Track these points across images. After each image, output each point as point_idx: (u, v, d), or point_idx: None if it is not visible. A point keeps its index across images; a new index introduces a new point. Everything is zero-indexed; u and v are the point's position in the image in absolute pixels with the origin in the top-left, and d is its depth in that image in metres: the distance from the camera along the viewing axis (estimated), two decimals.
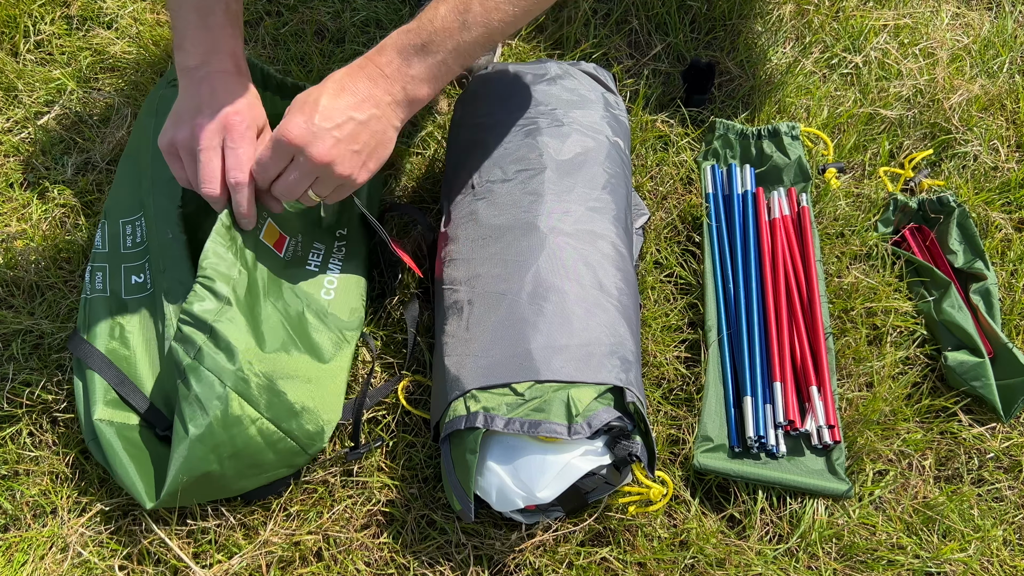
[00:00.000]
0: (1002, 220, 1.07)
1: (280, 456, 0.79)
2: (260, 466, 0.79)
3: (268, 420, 0.77)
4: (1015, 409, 0.92)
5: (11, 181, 1.06)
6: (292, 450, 0.79)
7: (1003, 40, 1.24)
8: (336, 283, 0.89)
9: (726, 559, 0.83)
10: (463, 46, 0.74)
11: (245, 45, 1.16)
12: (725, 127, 1.08)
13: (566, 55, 1.17)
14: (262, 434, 0.76)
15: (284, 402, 0.77)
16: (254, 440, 0.76)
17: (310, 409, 0.79)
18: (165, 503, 0.77)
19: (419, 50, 0.74)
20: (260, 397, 0.76)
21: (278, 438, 0.78)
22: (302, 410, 0.79)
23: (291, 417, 0.78)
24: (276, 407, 0.77)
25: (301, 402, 0.79)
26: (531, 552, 0.82)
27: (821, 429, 0.88)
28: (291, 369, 0.79)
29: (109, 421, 0.80)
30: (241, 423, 0.75)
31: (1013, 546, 0.87)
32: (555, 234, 0.83)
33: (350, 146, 0.73)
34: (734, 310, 0.96)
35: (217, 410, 0.73)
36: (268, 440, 0.77)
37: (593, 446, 0.75)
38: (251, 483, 0.81)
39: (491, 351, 0.78)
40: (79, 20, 1.20)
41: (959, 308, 0.97)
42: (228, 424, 0.74)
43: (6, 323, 0.94)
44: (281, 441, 0.78)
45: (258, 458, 0.78)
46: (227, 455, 0.75)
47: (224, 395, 0.74)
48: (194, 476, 0.75)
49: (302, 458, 0.81)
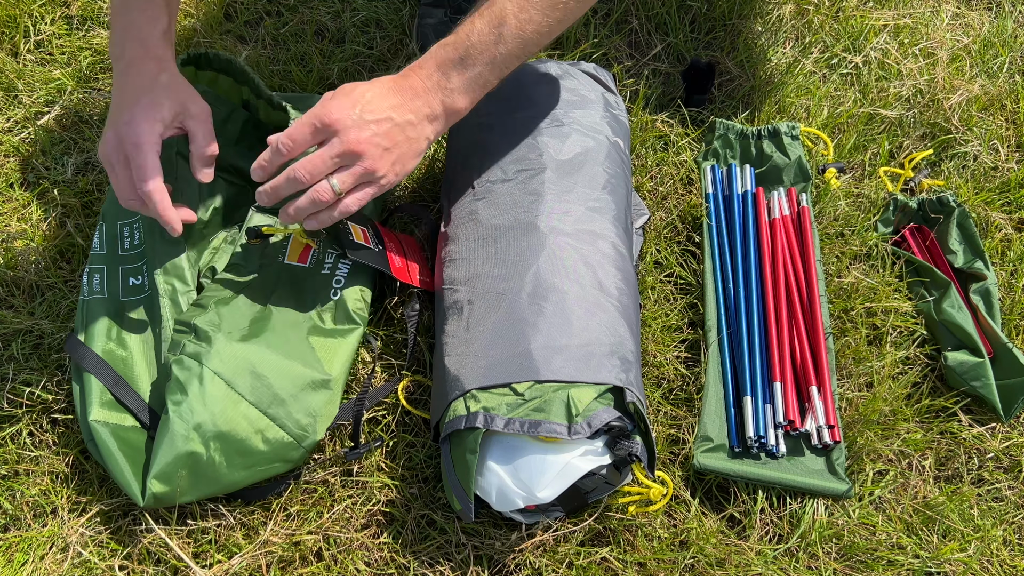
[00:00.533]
0: (1002, 220, 1.07)
1: (272, 447, 0.79)
2: (251, 455, 0.78)
3: (251, 404, 0.77)
4: (1015, 409, 0.92)
5: (11, 181, 1.06)
6: (283, 441, 0.79)
7: (1003, 40, 1.24)
8: (343, 281, 0.89)
9: (726, 559, 0.83)
10: (499, 58, 0.76)
11: (245, 45, 1.17)
12: (725, 127, 1.08)
13: (566, 55, 1.17)
14: (247, 419, 0.77)
15: (268, 387, 0.78)
16: (238, 423, 0.76)
17: (299, 399, 0.79)
18: (159, 497, 0.76)
19: (457, 63, 0.76)
20: (241, 380, 0.77)
21: (264, 424, 0.78)
22: (290, 398, 0.79)
23: (277, 404, 0.78)
24: (259, 392, 0.78)
25: (288, 391, 0.79)
26: (531, 552, 0.82)
27: (821, 429, 0.88)
28: (279, 363, 0.80)
29: (104, 422, 0.80)
30: (221, 402, 0.76)
31: (1013, 546, 0.87)
32: (555, 234, 0.83)
33: (384, 142, 0.74)
34: (734, 310, 0.96)
35: (195, 388, 0.76)
36: (254, 426, 0.77)
37: (593, 446, 0.75)
38: (246, 476, 0.80)
39: (491, 351, 0.78)
40: (79, 20, 1.20)
41: (959, 308, 0.97)
42: (208, 402, 0.76)
43: (6, 323, 0.94)
44: (269, 428, 0.78)
45: (246, 445, 0.77)
46: (211, 435, 0.76)
47: (201, 374, 0.76)
48: (179, 457, 0.75)
49: (296, 452, 0.81)
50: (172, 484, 0.76)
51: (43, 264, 0.99)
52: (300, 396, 0.80)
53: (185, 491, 0.78)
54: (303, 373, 0.81)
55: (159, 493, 0.76)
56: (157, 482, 0.76)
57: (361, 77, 1.15)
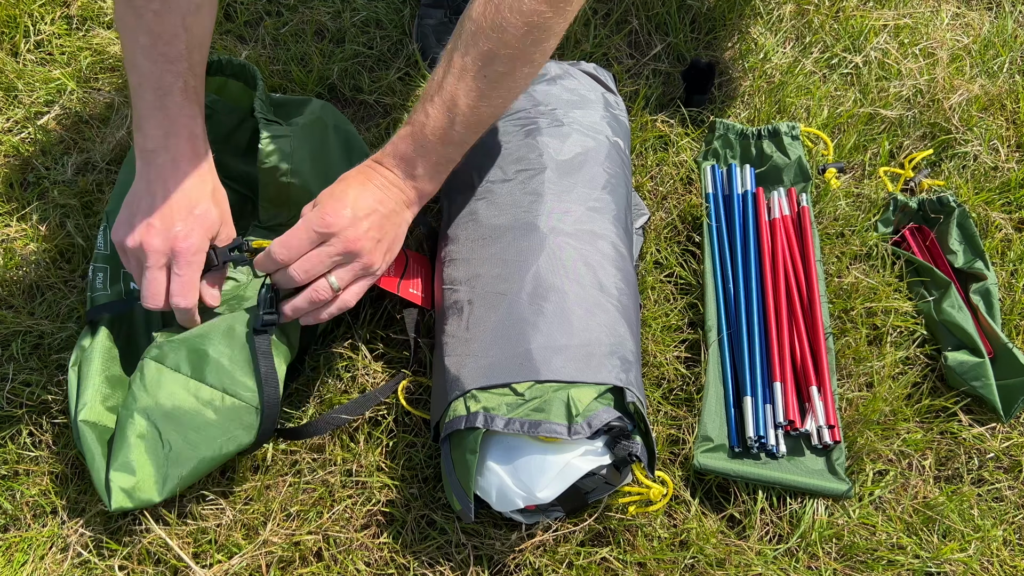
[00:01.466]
0: (1002, 220, 1.07)
1: (224, 416, 0.77)
2: (205, 429, 0.77)
3: (189, 377, 0.77)
4: (1015, 409, 0.92)
5: (11, 181, 1.06)
6: (236, 406, 0.78)
7: (1003, 40, 1.24)
8: None
9: (726, 559, 0.83)
10: (457, 139, 0.78)
11: (245, 45, 1.17)
12: (725, 127, 1.08)
13: (566, 55, 1.17)
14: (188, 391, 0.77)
15: (206, 359, 0.78)
16: (182, 398, 0.77)
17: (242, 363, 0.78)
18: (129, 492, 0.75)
19: (419, 154, 0.78)
20: (181, 359, 0.78)
21: (210, 395, 0.77)
22: (231, 364, 0.78)
23: (218, 372, 0.78)
24: (198, 365, 0.78)
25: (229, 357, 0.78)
26: (531, 552, 0.82)
27: (821, 429, 0.88)
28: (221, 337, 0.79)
29: (93, 423, 0.80)
30: (161, 383, 0.77)
31: (1013, 546, 0.87)
32: (555, 234, 0.83)
33: (376, 235, 0.77)
34: (734, 310, 0.96)
35: (137, 378, 0.77)
36: (200, 398, 0.77)
37: (593, 446, 0.75)
38: (211, 453, 0.77)
39: (491, 351, 0.78)
40: (79, 20, 1.20)
41: (959, 308, 0.97)
42: (148, 385, 0.77)
43: (6, 323, 0.94)
44: (216, 397, 0.77)
45: (197, 419, 0.77)
46: (158, 416, 0.76)
47: (142, 365, 0.78)
48: (133, 444, 0.75)
49: (253, 415, 0.78)
50: (135, 475, 0.75)
51: (43, 264, 0.99)
52: (244, 360, 0.78)
53: (152, 482, 0.76)
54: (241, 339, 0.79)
55: (126, 487, 0.75)
56: (119, 475, 0.74)
57: (361, 77, 1.15)
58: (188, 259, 0.75)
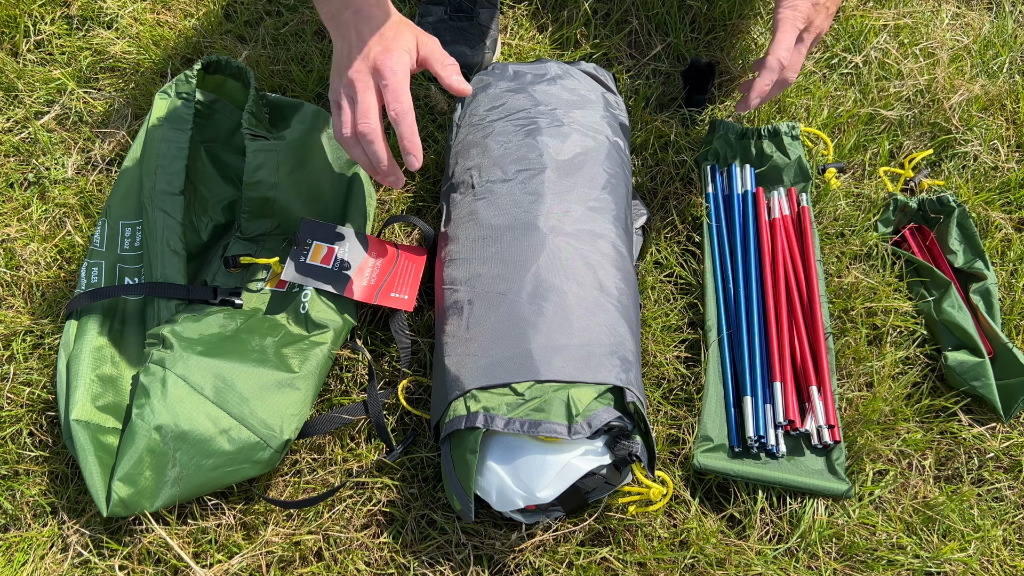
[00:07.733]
0: (1002, 220, 1.07)
1: (238, 448, 0.78)
2: (216, 456, 0.77)
3: (213, 403, 0.77)
4: (1015, 409, 0.92)
5: (11, 181, 1.06)
6: (249, 441, 0.78)
7: (1003, 40, 1.24)
8: (310, 295, 0.87)
9: (726, 559, 0.83)
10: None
11: (245, 45, 1.17)
12: (725, 127, 1.08)
13: (566, 55, 1.17)
14: (210, 418, 0.77)
15: (231, 388, 0.78)
16: (201, 423, 0.76)
17: (264, 398, 0.79)
18: (126, 501, 0.75)
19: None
20: (205, 382, 0.78)
21: (229, 424, 0.77)
22: (254, 397, 0.78)
23: (240, 403, 0.78)
24: (223, 392, 0.78)
25: (252, 391, 0.79)
26: (531, 552, 0.82)
27: (821, 429, 0.88)
28: (244, 367, 0.80)
29: (86, 422, 0.80)
30: (183, 403, 0.76)
31: (1013, 546, 0.87)
32: (555, 234, 0.83)
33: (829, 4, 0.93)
34: (734, 310, 0.96)
35: (158, 390, 0.76)
36: (218, 426, 0.77)
37: (593, 446, 0.75)
38: (213, 478, 0.78)
39: (491, 351, 0.78)
40: (79, 20, 1.20)
41: (959, 308, 0.97)
42: (170, 402, 0.76)
43: (6, 323, 0.94)
44: (234, 428, 0.77)
45: (211, 446, 0.76)
46: (173, 436, 0.75)
47: (164, 378, 0.77)
48: (143, 459, 0.75)
49: (264, 452, 0.79)
50: (137, 486, 0.76)
51: (43, 264, 0.99)
52: (265, 396, 0.79)
53: (149, 494, 0.77)
54: (268, 374, 0.80)
55: (125, 497, 0.76)
56: (122, 484, 0.75)
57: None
58: (392, 68, 0.77)
